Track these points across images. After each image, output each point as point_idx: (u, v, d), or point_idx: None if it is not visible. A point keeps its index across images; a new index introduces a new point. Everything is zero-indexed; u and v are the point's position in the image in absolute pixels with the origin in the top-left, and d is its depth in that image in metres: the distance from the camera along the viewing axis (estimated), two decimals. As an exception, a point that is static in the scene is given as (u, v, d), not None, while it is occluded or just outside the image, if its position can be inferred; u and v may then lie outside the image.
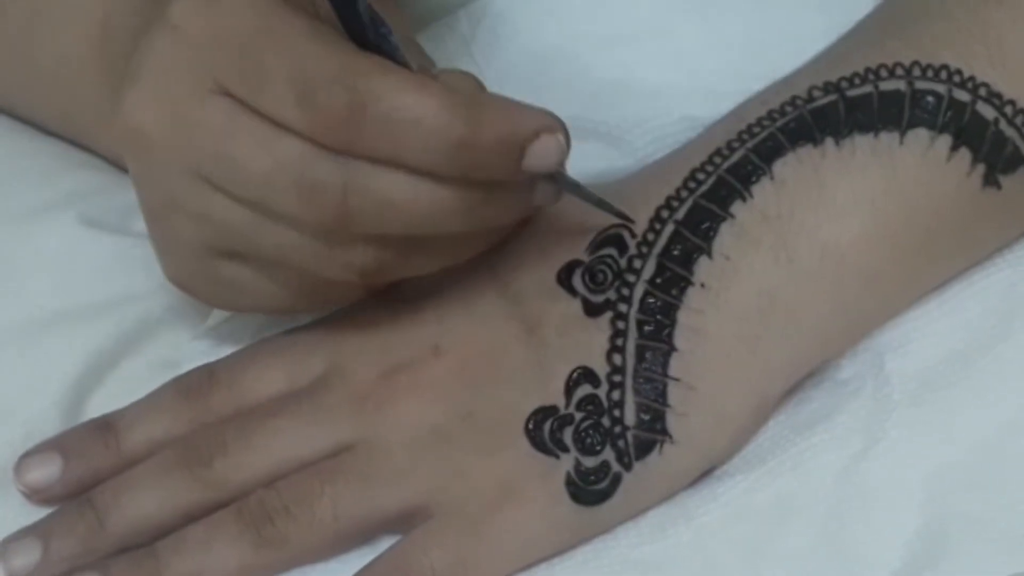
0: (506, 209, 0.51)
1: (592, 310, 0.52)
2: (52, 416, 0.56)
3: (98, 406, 0.56)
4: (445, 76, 0.50)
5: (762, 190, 0.52)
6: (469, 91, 0.49)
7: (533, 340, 0.52)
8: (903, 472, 0.51)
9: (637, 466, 0.51)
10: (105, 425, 0.55)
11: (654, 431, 0.51)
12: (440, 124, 0.47)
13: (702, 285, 0.52)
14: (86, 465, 0.54)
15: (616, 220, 0.53)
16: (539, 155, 0.49)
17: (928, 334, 0.53)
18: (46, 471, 0.54)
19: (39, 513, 0.54)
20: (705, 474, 0.52)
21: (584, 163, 0.57)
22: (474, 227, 0.51)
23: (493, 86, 0.59)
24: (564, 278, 0.53)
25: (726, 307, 0.52)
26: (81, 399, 0.57)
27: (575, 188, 0.52)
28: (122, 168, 0.56)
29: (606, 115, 0.58)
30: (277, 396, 0.54)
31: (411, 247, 0.51)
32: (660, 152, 0.56)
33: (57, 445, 0.55)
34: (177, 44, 0.50)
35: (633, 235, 0.53)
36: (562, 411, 0.52)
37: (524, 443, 0.52)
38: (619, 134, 0.58)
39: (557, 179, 0.51)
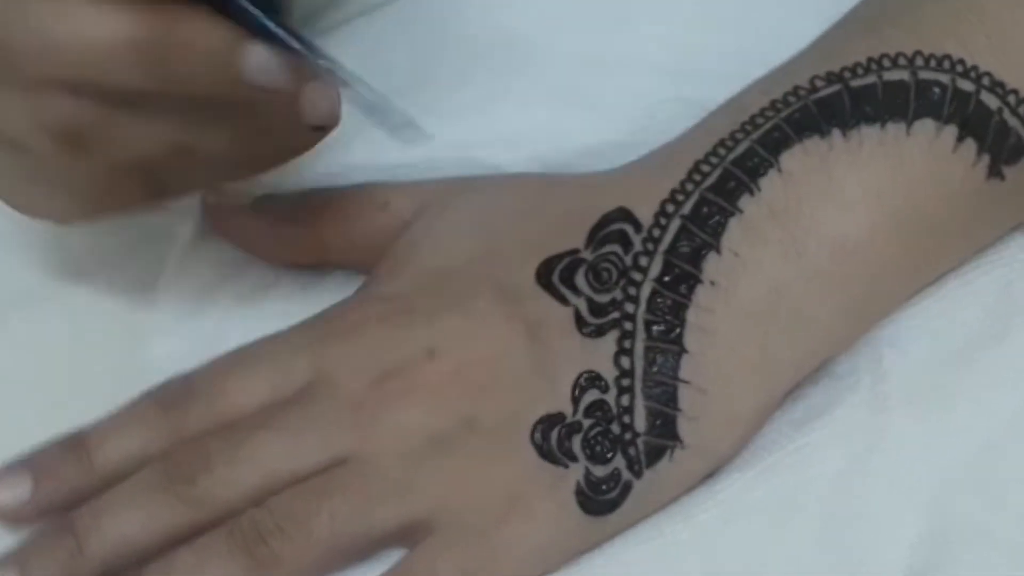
0: (200, 65, 0.47)
1: (597, 310, 0.50)
2: None
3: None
4: None
5: (770, 183, 0.51)
6: None
7: (535, 343, 0.50)
8: (904, 473, 0.50)
9: (648, 473, 0.50)
10: (77, 442, 0.52)
11: (665, 436, 0.50)
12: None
13: (712, 283, 0.50)
14: (58, 485, 0.51)
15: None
16: None
17: (925, 332, 0.52)
18: (16, 492, 0.51)
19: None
20: (705, 473, 0.51)
21: (572, 138, 0.56)
22: (160, 83, 0.47)
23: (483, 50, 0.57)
24: (566, 276, 0.51)
25: (736, 304, 0.50)
26: None
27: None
28: None
29: (598, 87, 0.56)
30: (260, 407, 0.51)
31: (107, 107, 0.48)
32: (652, 129, 0.54)
33: (27, 464, 0.51)
34: None
35: (638, 231, 0.51)
36: (569, 418, 0.50)
37: (530, 452, 0.49)
38: (610, 105, 0.56)
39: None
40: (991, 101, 0.51)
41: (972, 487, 0.50)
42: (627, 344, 0.50)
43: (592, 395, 0.50)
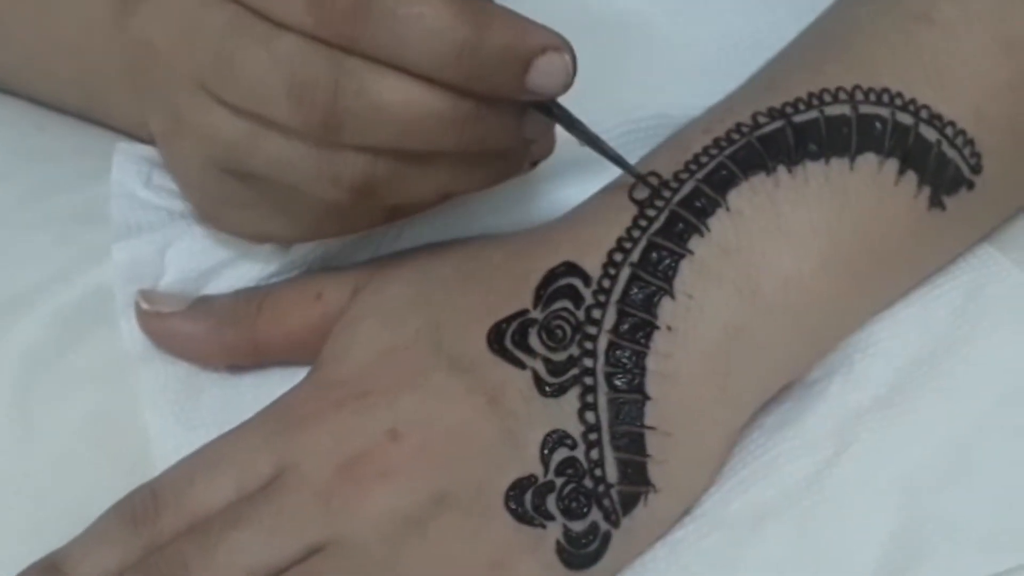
0: (496, 132, 0.49)
1: (556, 369, 0.50)
2: None
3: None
4: None
5: (719, 223, 0.51)
6: None
7: (497, 410, 0.50)
8: (876, 475, 0.51)
9: (625, 521, 0.50)
10: (52, 567, 0.50)
11: (637, 483, 0.50)
12: (445, 24, 0.46)
13: (668, 328, 0.50)
14: (37, 612, 0.50)
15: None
16: (544, 73, 0.48)
17: (895, 336, 0.53)
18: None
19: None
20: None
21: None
22: (462, 146, 0.49)
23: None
24: (519, 339, 0.51)
25: (694, 347, 0.50)
26: None
27: (571, 123, 0.51)
28: (134, 138, 0.59)
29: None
30: (228, 505, 0.51)
31: (401, 164, 0.49)
32: (631, 144, 0.54)
33: (1, 594, 0.51)
34: None
35: (587, 283, 0.51)
36: (541, 479, 0.50)
37: (507, 519, 0.49)
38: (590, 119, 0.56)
39: (555, 112, 0.50)
40: (929, 134, 0.52)
41: (943, 484, 0.51)
42: (590, 399, 0.50)
43: (561, 453, 0.50)
